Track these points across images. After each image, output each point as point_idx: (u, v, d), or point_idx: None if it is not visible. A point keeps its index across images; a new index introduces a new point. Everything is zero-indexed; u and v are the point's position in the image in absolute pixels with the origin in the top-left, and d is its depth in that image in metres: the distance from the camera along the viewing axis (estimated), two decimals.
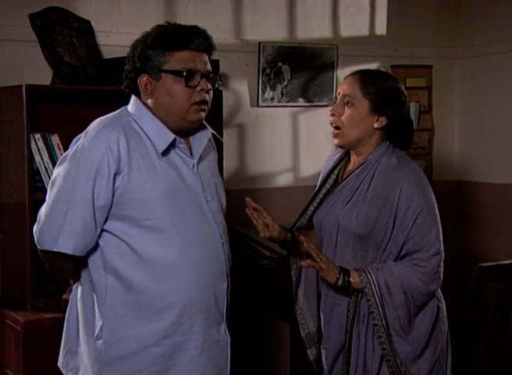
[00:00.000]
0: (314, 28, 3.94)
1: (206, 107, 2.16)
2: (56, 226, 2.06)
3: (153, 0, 3.52)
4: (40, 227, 2.11)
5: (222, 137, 3.44)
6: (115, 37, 3.32)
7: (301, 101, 3.92)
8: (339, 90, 2.39)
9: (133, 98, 2.17)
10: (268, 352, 3.45)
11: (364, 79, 2.34)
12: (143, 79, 2.10)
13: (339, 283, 2.26)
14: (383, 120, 2.34)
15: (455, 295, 3.90)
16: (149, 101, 2.13)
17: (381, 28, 4.16)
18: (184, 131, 2.17)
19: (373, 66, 4.12)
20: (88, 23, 3.27)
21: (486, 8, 4.20)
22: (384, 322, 2.24)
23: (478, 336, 2.96)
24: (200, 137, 2.21)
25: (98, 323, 2.11)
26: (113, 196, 2.05)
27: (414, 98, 4.27)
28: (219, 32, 3.67)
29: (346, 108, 2.34)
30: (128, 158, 2.04)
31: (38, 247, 2.14)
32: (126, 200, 2.05)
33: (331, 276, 2.26)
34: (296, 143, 3.96)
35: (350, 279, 2.26)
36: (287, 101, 3.89)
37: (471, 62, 4.32)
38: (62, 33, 3.16)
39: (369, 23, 4.13)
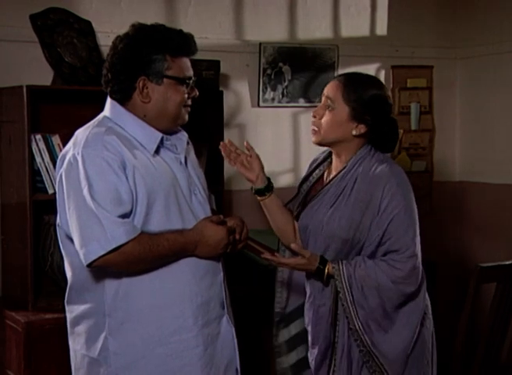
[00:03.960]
0: (314, 28, 3.94)
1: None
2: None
3: (154, 0, 3.53)
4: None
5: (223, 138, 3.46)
6: None
7: (302, 102, 3.92)
8: (324, 91, 2.39)
9: (111, 101, 2.16)
10: (270, 352, 3.45)
11: (348, 85, 2.34)
12: (142, 81, 2.10)
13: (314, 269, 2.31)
14: (362, 128, 2.34)
15: (455, 296, 3.91)
16: (138, 104, 2.12)
17: (381, 28, 4.16)
18: (167, 132, 2.19)
19: (373, 66, 4.13)
20: (89, 23, 3.28)
21: (487, 9, 4.20)
22: (357, 321, 2.26)
23: (479, 336, 2.95)
24: (179, 136, 2.24)
25: (101, 336, 2.10)
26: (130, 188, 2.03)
27: (415, 98, 4.26)
28: (220, 32, 3.69)
29: (327, 111, 2.34)
30: (126, 153, 2.04)
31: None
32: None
33: (312, 265, 2.29)
34: (297, 143, 3.96)
35: (326, 268, 2.29)
36: (288, 102, 3.89)
37: (471, 62, 4.31)
38: (63, 34, 3.16)
39: (370, 24, 4.12)
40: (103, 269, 2.04)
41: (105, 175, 2.00)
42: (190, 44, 2.16)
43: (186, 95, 2.15)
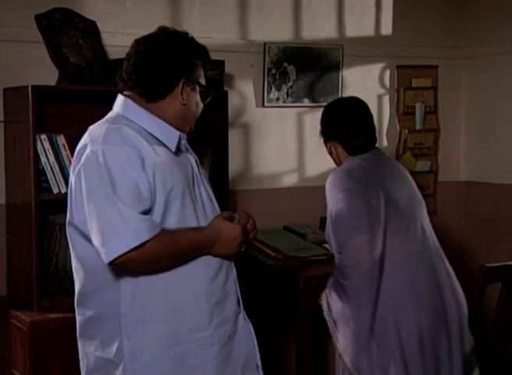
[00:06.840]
0: (319, 28, 3.94)
1: None
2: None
3: (159, 0, 3.53)
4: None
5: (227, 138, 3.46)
6: (121, 38, 3.31)
7: (306, 102, 3.92)
8: None
9: (123, 98, 2.15)
10: (274, 352, 3.45)
11: None
12: (182, 84, 2.14)
13: None
14: (334, 143, 2.76)
15: None
16: (172, 104, 2.14)
17: (386, 28, 4.15)
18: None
19: (378, 66, 4.13)
20: (94, 23, 3.28)
21: (492, 8, 4.19)
22: None
23: (483, 337, 2.95)
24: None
25: (117, 337, 2.07)
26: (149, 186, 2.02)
27: (420, 98, 4.26)
28: (225, 32, 3.69)
29: None
30: (145, 149, 2.03)
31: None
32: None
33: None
34: (302, 143, 3.96)
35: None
36: (292, 102, 3.89)
37: (476, 62, 4.31)
38: (68, 34, 3.16)
39: (375, 23, 4.12)
40: (123, 267, 2.01)
41: (127, 171, 1.98)
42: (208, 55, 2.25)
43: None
